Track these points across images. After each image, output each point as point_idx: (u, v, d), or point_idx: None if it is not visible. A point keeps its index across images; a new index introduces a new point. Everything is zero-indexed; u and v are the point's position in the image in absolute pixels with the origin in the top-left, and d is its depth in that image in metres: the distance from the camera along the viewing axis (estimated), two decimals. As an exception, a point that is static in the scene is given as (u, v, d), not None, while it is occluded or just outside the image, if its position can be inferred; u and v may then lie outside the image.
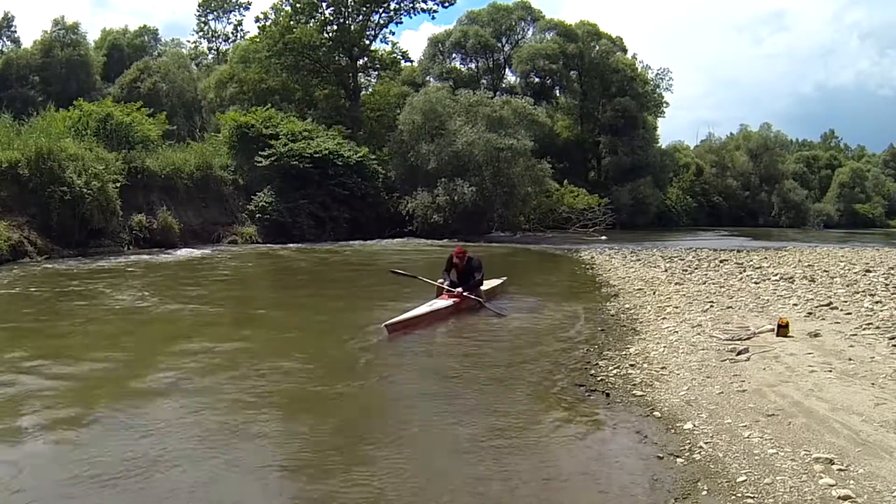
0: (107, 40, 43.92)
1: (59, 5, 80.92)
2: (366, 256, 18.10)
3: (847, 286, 9.32)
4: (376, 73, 36.75)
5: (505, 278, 10.55)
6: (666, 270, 13.04)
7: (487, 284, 9.39)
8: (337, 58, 32.96)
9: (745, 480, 3.36)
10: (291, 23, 31.28)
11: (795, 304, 7.98)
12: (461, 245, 10.07)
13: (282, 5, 32.25)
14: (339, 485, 3.50)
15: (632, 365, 5.71)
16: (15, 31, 42.97)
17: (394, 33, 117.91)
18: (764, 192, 60.00)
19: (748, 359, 5.47)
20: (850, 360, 5.24)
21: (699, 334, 6.57)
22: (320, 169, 23.79)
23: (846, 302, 7.91)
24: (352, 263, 16.53)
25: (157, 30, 47.00)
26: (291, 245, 20.60)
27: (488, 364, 6.01)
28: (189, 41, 50.45)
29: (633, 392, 4.97)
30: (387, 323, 6.96)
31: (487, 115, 27.65)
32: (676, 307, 8.40)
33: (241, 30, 47.54)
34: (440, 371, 5.77)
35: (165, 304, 9.12)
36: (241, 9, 48.61)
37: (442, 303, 8.16)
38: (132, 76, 37.47)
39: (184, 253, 17.34)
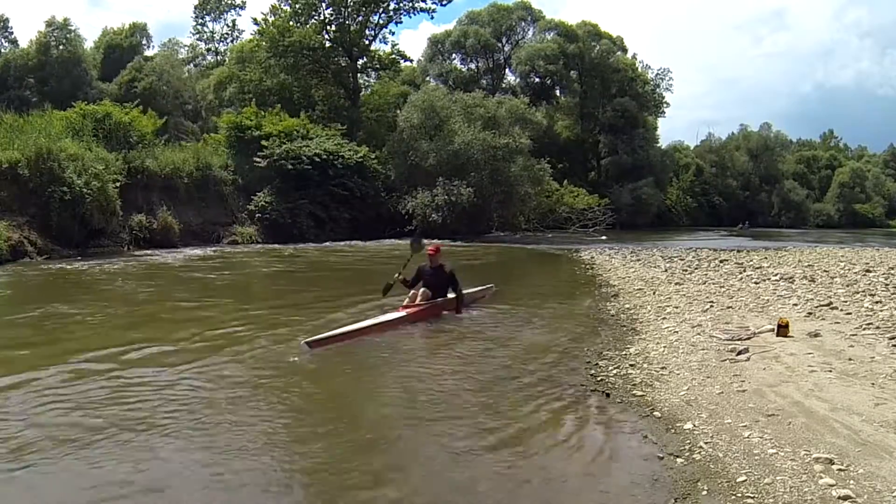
0: (105, 38, 43.87)
1: (55, 4, 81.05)
2: (366, 256, 18.11)
3: (847, 286, 9.31)
4: (376, 73, 36.75)
5: (491, 285, 10.05)
6: (666, 270, 13.03)
7: (468, 290, 8.77)
8: (336, 58, 32.95)
9: (745, 480, 3.35)
10: (291, 23, 31.23)
11: (795, 304, 7.98)
12: (437, 243, 9.26)
13: (280, 5, 32.24)
14: (339, 485, 3.50)
15: (632, 365, 5.71)
16: (12, 32, 43.06)
17: (393, 33, 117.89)
18: (764, 192, 60.10)
19: (748, 359, 5.47)
20: (850, 360, 5.24)
21: (699, 334, 6.57)
22: (320, 169, 23.79)
23: (846, 302, 7.90)
24: (352, 263, 16.54)
25: (145, 24, 46.43)
26: (292, 245, 20.60)
27: (487, 364, 6.00)
28: (185, 43, 50.43)
29: (633, 392, 4.97)
30: (307, 340, 6.29)
31: (483, 116, 27.72)
32: (676, 307, 8.40)
33: (238, 29, 47.62)
34: (439, 371, 5.76)
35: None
36: (237, 9, 48.70)
37: (392, 315, 7.58)
38: (128, 76, 37.45)
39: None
